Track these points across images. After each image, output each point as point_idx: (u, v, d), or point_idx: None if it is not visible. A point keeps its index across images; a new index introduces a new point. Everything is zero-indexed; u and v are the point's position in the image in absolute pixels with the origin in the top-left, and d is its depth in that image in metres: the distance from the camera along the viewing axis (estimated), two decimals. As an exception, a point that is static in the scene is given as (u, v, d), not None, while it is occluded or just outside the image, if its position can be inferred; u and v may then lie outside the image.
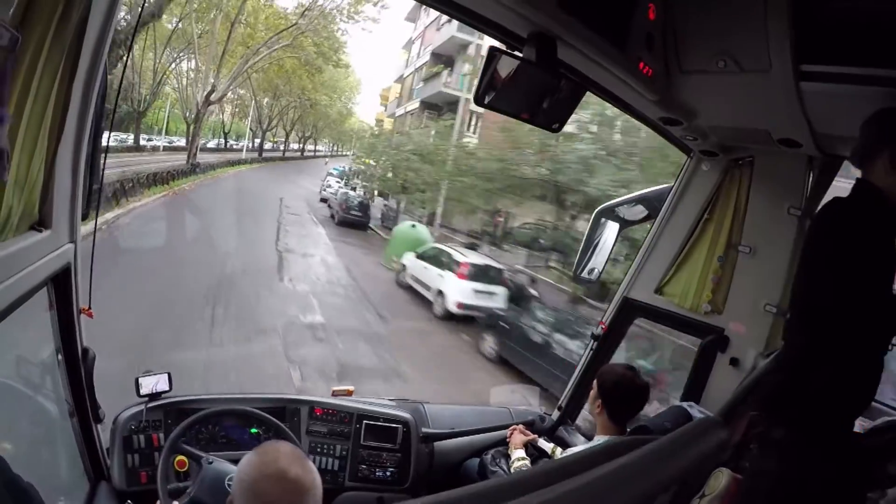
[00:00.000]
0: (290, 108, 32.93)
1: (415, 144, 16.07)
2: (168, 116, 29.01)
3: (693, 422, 1.51)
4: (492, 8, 1.07)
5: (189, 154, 20.25)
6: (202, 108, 20.43)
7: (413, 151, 15.57)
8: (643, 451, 1.16)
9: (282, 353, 6.35)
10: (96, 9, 0.97)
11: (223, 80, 20.96)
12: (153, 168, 15.78)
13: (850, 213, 1.12)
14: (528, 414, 2.35)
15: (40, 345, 1.42)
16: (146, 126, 26.39)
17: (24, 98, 0.84)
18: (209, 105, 21.28)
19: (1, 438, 1.26)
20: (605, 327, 2.16)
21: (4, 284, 0.91)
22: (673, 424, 1.53)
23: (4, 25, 0.70)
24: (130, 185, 12.56)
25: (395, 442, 2.08)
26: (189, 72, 24.51)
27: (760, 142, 1.64)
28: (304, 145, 46.01)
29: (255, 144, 35.46)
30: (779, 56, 1.17)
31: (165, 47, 19.73)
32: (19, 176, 0.90)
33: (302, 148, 46.12)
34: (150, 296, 6.90)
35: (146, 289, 7.07)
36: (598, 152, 9.68)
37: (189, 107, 23.18)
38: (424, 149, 15.43)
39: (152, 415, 1.78)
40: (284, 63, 23.42)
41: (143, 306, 6.35)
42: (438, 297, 9.62)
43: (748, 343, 1.79)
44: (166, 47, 21.44)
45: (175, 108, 27.86)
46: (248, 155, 32.36)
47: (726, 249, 1.82)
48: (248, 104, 32.20)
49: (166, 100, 27.00)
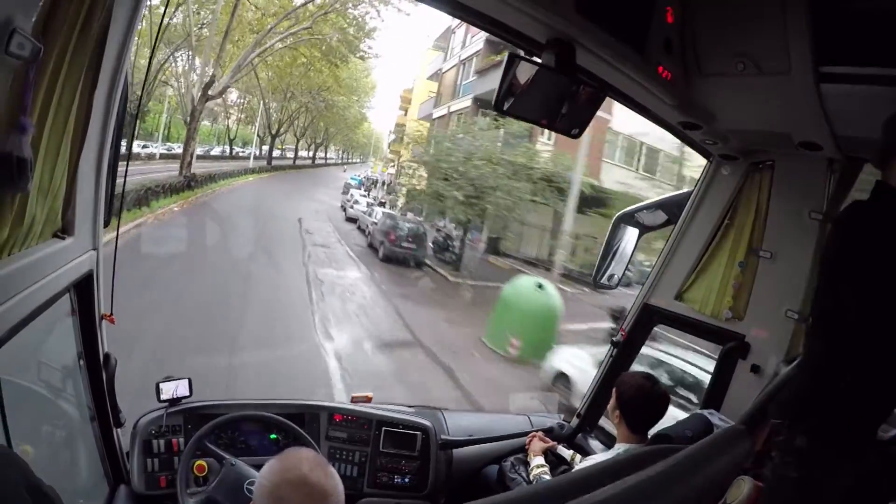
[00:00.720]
0: (301, 111, 30.25)
1: (485, 152, 12.66)
2: (169, 121, 26.85)
3: (717, 431, 1.49)
4: (511, 14, 1.07)
5: (182, 164, 15.72)
6: (199, 104, 16.23)
7: (489, 161, 12.33)
8: (668, 462, 1.14)
9: None
10: (117, 20, 0.98)
11: (226, 72, 17.29)
12: (137, 181, 10.91)
13: (869, 216, 1.09)
14: (547, 421, 2.33)
15: (62, 349, 1.45)
16: (146, 132, 24.85)
17: (47, 108, 0.85)
18: (207, 100, 17.07)
19: (23, 441, 1.28)
20: (625, 334, 2.13)
21: (28, 290, 0.93)
22: (694, 432, 1.52)
23: (26, 36, 0.71)
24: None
25: (413, 449, 2.07)
26: (186, 64, 21.06)
27: (781, 145, 1.62)
28: (314, 153, 44.15)
29: (263, 152, 32.73)
30: (798, 58, 1.16)
31: (158, 38, 14.92)
32: (42, 184, 0.92)
33: (313, 156, 44.41)
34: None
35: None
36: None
37: (186, 108, 18.79)
38: (495, 156, 12.40)
39: (172, 420, 1.79)
40: (299, 54, 20.33)
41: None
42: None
43: (770, 350, 1.75)
44: (159, 38, 16.01)
45: (177, 114, 25.49)
46: (255, 163, 29.10)
47: (747, 255, 1.79)
48: (255, 108, 29.72)
49: (166, 103, 25.39)
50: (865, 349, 1.06)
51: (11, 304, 0.87)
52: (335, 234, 14.96)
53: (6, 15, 0.67)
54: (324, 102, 27.10)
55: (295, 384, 5.03)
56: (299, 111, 30.69)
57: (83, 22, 0.86)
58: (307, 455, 0.98)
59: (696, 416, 1.69)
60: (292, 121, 32.07)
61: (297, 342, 6.26)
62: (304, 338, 6.42)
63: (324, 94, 25.81)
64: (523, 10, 1.00)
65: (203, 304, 6.73)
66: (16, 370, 1.27)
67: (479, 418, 2.48)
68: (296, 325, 6.84)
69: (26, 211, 0.87)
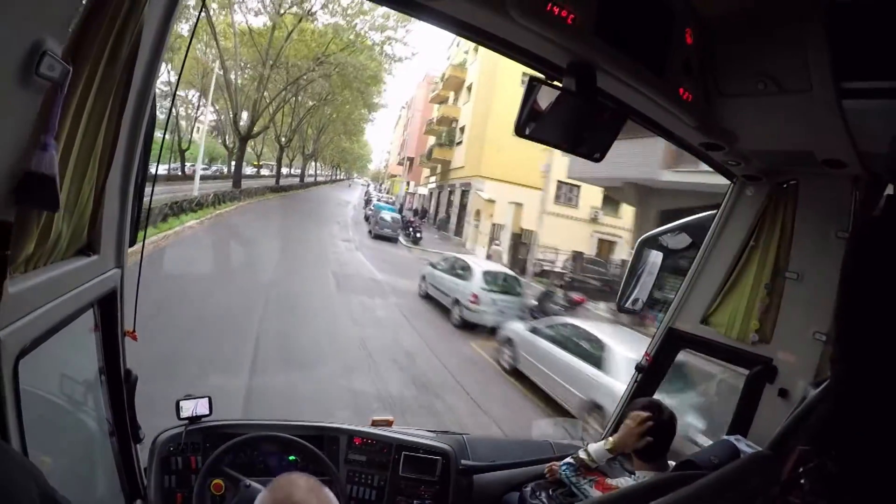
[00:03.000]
0: (290, 98, 24.74)
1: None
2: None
3: (743, 457, 1.43)
4: (530, 40, 1.08)
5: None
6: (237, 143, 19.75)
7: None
8: (691, 488, 1.11)
9: None
10: (145, 45, 1.01)
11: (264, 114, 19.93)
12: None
13: (882, 231, 1.06)
14: (568, 447, 2.27)
15: (84, 364, 1.47)
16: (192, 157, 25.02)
17: (76, 129, 0.87)
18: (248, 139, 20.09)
19: (42, 452, 1.29)
20: (650, 358, 2.10)
21: (51, 304, 0.95)
22: (720, 459, 1.46)
23: (56, 58, 0.72)
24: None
25: (433, 474, 2.04)
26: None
27: (804, 164, 1.59)
28: (304, 167, 39.73)
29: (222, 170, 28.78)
30: (819, 75, 1.14)
31: (180, 75, 17.70)
32: (69, 203, 0.94)
33: (301, 172, 40.07)
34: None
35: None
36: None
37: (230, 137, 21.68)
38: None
39: (191, 437, 1.80)
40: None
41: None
42: None
43: (797, 373, 1.70)
44: (180, 77, 19.09)
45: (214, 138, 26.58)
46: (215, 185, 20.66)
47: (773, 276, 1.75)
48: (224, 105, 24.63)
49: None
50: (891, 370, 1.02)
51: (34, 317, 0.89)
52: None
53: (37, 37, 0.69)
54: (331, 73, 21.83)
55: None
56: (285, 101, 23.54)
57: (112, 46, 0.88)
58: (299, 482, 0.95)
59: (723, 442, 1.63)
60: (273, 117, 23.52)
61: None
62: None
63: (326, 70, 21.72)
64: (543, 34, 1.01)
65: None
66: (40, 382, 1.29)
67: (501, 443, 2.43)
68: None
69: (52, 228, 0.89)
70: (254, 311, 7.51)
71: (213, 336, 6.31)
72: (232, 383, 5.11)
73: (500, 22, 1.02)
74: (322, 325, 7.96)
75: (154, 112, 1.26)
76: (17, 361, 0.85)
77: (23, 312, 0.86)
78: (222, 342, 6.25)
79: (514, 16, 0.96)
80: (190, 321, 6.47)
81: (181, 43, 13.37)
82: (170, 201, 11.83)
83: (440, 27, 1.14)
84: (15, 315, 0.83)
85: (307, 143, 34.78)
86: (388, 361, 7.08)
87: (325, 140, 36.21)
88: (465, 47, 27.09)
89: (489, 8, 0.99)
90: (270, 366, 5.80)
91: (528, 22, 0.98)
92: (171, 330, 5.83)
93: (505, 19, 0.98)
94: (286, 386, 5.40)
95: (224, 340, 6.29)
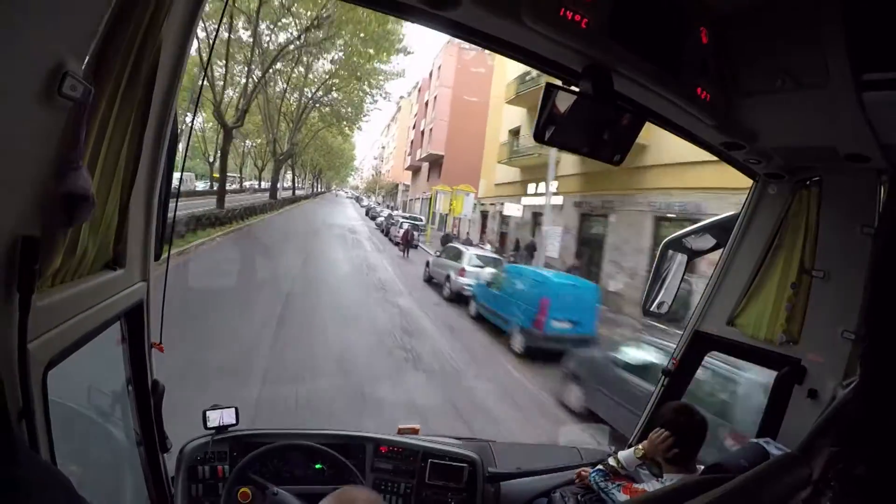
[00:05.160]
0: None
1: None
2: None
3: (772, 459, 1.40)
4: (545, 45, 1.08)
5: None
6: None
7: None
8: (720, 490, 1.10)
9: None
10: (164, 64, 1.03)
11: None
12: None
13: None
14: (596, 453, 2.26)
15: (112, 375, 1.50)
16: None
17: (99, 148, 0.89)
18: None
19: (70, 462, 1.32)
20: (677, 362, 2.06)
21: (78, 318, 0.97)
22: (749, 462, 1.44)
23: (78, 79, 0.74)
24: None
25: (460, 481, 2.03)
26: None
27: (827, 159, 1.55)
28: (274, 178, 28.94)
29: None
30: (837, 68, 1.12)
31: (199, 96, 15.48)
32: (94, 220, 0.96)
33: (272, 186, 28.48)
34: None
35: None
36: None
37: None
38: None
39: (218, 447, 1.83)
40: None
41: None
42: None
43: (827, 373, 1.66)
44: (199, 96, 16.08)
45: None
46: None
47: (799, 275, 1.71)
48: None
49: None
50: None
51: (62, 330, 0.91)
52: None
53: (58, 59, 0.72)
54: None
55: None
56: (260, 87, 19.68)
57: (133, 65, 0.90)
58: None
59: (752, 445, 1.60)
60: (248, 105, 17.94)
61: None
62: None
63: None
64: (558, 40, 1.01)
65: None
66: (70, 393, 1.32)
67: (528, 449, 2.42)
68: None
69: (78, 243, 0.91)
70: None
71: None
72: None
73: (515, 29, 1.02)
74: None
75: (176, 129, 1.29)
76: (45, 372, 0.87)
77: (51, 325, 0.88)
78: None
79: (527, 22, 0.96)
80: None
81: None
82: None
83: (454, 36, 1.14)
84: (43, 328, 0.85)
85: (280, 141, 24.54)
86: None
87: (305, 138, 26.62)
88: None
89: (503, 15, 1.00)
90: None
91: (541, 28, 0.98)
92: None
93: (519, 26, 0.98)
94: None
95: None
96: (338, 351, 7.20)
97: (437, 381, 6.68)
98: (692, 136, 1.50)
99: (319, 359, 6.79)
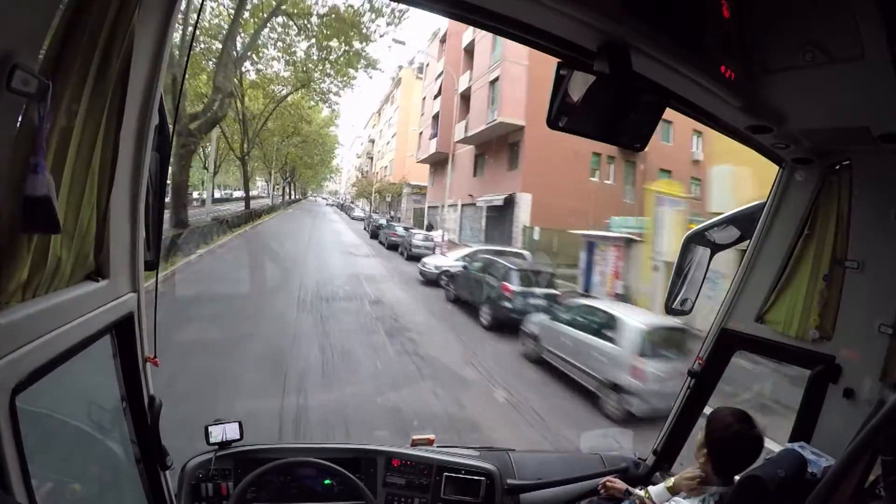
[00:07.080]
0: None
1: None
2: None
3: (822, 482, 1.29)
4: (556, 22, 0.99)
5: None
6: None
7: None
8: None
9: None
10: (140, 55, 0.95)
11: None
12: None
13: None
14: (620, 460, 2.15)
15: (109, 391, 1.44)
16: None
17: (65, 148, 0.82)
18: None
19: (71, 480, 1.25)
20: (703, 362, 1.96)
21: (53, 334, 0.90)
22: (787, 472, 1.33)
23: (31, 72, 0.69)
24: None
25: (477, 495, 1.94)
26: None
27: (858, 141, 1.46)
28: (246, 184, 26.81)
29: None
30: (872, 38, 1.02)
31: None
32: (67, 226, 0.89)
33: (245, 195, 26.36)
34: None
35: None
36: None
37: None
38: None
39: (221, 463, 1.76)
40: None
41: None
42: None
43: (863, 371, 1.56)
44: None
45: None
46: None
47: (831, 266, 1.61)
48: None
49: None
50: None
51: (32, 348, 0.84)
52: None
53: (6, 50, 0.65)
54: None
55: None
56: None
57: (101, 58, 0.83)
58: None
59: (787, 451, 1.49)
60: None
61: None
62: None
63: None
64: (569, 13, 0.92)
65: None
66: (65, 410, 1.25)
67: (548, 458, 2.32)
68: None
69: (49, 253, 0.84)
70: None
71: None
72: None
73: (525, 6, 0.95)
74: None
75: (164, 126, 1.21)
76: (13, 396, 0.79)
77: (17, 344, 0.80)
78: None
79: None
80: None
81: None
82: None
83: (462, 20, 1.07)
84: (8, 347, 0.77)
85: (249, 131, 19.74)
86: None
87: (276, 140, 23.23)
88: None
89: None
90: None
91: (554, 3, 0.90)
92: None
93: (530, 3, 0.91)
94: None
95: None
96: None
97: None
98: (716, 121, 1.41)
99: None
